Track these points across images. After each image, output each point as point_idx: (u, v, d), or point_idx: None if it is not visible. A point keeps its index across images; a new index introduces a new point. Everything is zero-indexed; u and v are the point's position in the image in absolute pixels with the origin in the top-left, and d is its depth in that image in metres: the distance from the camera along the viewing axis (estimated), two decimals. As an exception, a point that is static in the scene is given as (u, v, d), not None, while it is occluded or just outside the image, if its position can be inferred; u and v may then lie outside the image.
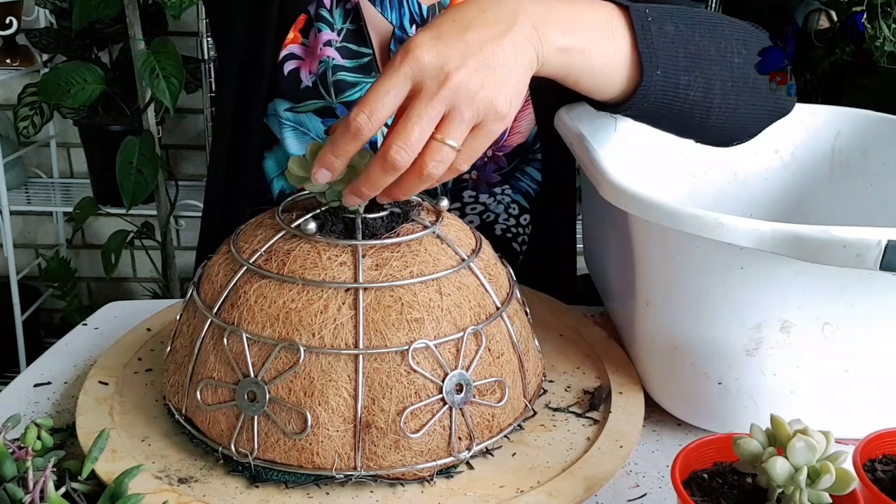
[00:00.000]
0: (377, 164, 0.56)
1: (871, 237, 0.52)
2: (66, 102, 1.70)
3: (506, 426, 0.61)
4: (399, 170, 0.56)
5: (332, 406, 0.55)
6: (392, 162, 0.55)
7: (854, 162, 0.81)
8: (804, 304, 0.57)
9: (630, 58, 0.64)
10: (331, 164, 0.57)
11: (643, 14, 0.65)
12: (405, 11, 0.86)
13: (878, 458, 0.52)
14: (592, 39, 0.62)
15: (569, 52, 0.61)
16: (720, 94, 0.69)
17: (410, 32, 0.86)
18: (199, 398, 0.58)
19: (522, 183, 0.92)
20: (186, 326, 0.62)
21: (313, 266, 0.57)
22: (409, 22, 0.86)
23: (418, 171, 0.56)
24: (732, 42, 0.69)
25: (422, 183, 0.57)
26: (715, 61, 0.68)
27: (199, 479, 0.57)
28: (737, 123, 0.73)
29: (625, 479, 0.59)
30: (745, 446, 0.49)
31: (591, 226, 0.86)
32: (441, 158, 0.56)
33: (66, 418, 0.65)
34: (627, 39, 0.64)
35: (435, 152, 0.56)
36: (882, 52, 1.11)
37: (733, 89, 0.70)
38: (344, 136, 0.56)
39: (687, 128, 0.72)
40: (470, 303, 0.59)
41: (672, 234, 0.58)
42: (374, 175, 0.56)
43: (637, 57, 0.64)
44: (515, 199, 0.92)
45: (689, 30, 0.67)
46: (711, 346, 0.61)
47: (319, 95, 0.86)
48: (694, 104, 0.68)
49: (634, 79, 0.65)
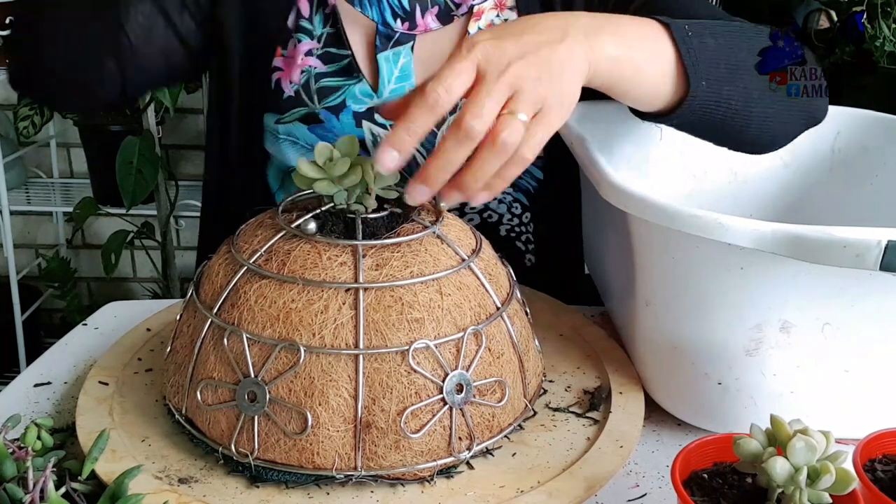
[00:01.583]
0: (450, 138, 0.56)
1: (871, 237, 0.52)
2: (66, 102, 1.70)
3: (506, 426, 0.61)
4: (474, 138, 0.55)
5: (333, 406, 0.55)
6: (467, 129, 0.55)
7: (854, 161, 0.81)
8: (804, 305, 0.57)
9: (675, 69, 0.66)
10: (402, 143, 0.56)
11: (683, 29, 0.67)
12: (385, 7, 0.86)
13: (878, 458, 0.52)
14: (641, 51, 0.64)
15: (619, 62, 0.63)
16: (759, 104, 0.71)
17: (395, 26, 0.86)
18: (200, 398, 0.58)
19: (523, 181, 0.92)
20: (186, 326, 0.62)
21: (313, 266, 0.57)
22: (391, 16, 0.86)
23: (492, 140, 0.56)
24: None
25: (496, 156, 0.56)
26: (753, 73, 0.70)
27: (199, 480, 0.57)
28: (772, 130, 0.75)
29: (625, 479, 0.59)
30: (745, 446, 0.49)
31: (591, 226, 0.86)
32: (513, 129, 0.56)
33: (66, 418, 0.65)
34: (672, 52, 0.66)
35: (506, 124, 0.56)
36: (882, 51, 1.11)
37: (770, 99, 0.72)
38: (420, 109, 0.56)
39: (727, 136, 0.74)
40: (470, 303, 0.59)
41: (672, 234, 0.58)
42: (447, 150, 0.56)
43: (682, 69, 0.66)
44: (517, 198, 0.92)
45: (728, 42, 0.69)
46: (711, 347, 0.61)
47: (302, 103, 0.87)
48: (735, 113, 0.70)
49: (680, 90, 0.67)
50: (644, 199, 0.59)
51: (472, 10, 0.87)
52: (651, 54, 0.65)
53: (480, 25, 0.87)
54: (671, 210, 0.57)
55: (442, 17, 0.87)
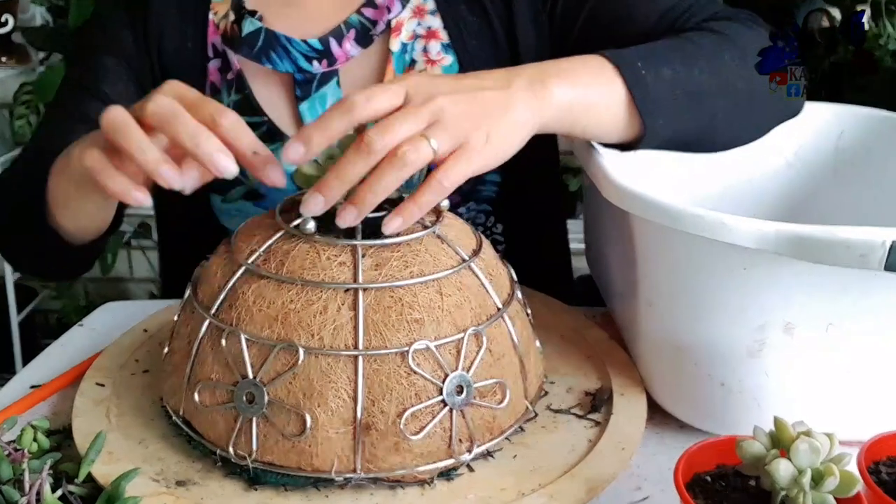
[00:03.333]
0: (351, 150, 0.56)
1: (876, 238, 0.51)
2: (63, 102, 1.69)
3: (507, 428, 0.60)
4: (372, 152, 0.55)
5: (332, 408, 0.55)
6: (367, 142, 0.55)
7: (858, 161, 0.81)
8: (808, 305, 0.57)
9: (629, 109, 0.66)
10: (309, 138, 0.56)
11: (635, 66, 0.66)
12: (296, 55, 0.82)
13: (883, 460, 0.52)
14: (593, 92, 0.65)
15: (570, 107, 0.63)
16: (724, 121, 0.71)
17: (312, 68, 0.82)
18: (197, 400, 0.58)
19: (484, 192, 0.88)
20: (184, 327, 0.62)
21: (312, 266, 0.57)
22: (306, 62, 0.82)
23: (392, 153, 0.55)
24: (733, 67, 0.70)
25: (393, 170, 0.55)
26: (716, 93, 0.69)
27: (196, 482, 0.57)
28: (743, 135, 0.75)
29: (627, 482, 0.59)
30: (749, 448, 0.48)
31: (592, 226, 0.86)
32: (417, 147, 0.56)
33: (63, 420, 0.64)
34: (624, 92, 0.66)
35: (412, 141, 0.56)
36: (885, 50, 1.11)
37: (737, 112, 0.72)
38: (336, 111, 0.56)
39: (693, 150, 0.74)
40: (471, 303, 0.58)
41: (675, 234, 0.57)
42: (345, 161, 0.56)
43: (637, 109, 0.66)
44: (481, 210, 0.90)
45: (687, 69, 0.68)
46: (714, 348, 0.60)
47: (239, 181, 0.84)
48: (699, 134, 0.71)
49: (637, 127, 0.67)
50: (646, 200, 0.59)
51: (391, 25, 0.83)
52: (603, 96, 0.65)
53: (402, 40, 0.83)
54: (674, 210, 0.57)
55: (360, 39, 0.82)
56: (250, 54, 0.83)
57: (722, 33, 0.72)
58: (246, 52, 0.83)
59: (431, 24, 0.84)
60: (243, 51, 0.83)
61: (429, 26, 0.84)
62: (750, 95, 0.71)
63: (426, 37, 0.84)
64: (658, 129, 0.67)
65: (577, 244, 0.97)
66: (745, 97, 0.71)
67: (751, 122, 0.74)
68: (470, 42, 0.83)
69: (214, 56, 0.85)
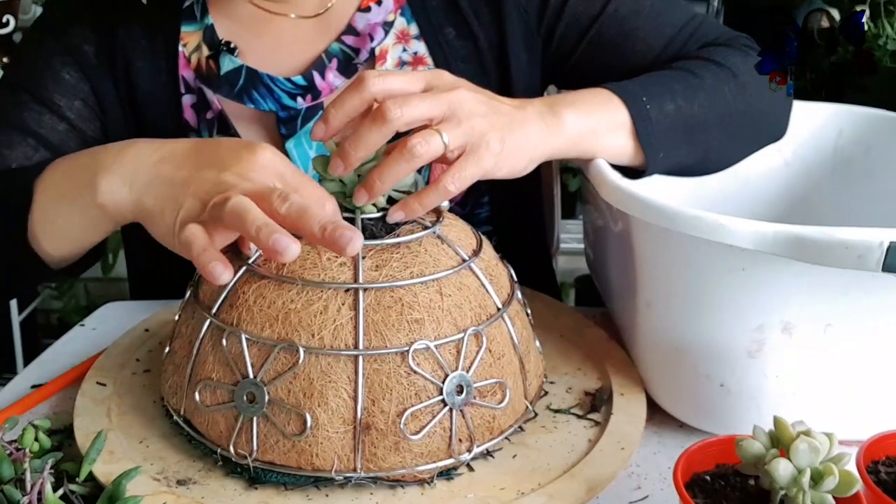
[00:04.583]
0: (368, 118, 0.57)
1: (874, 238, 0.51)
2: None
3: (506, 428, 0.60)
4: (387, 121, 0.57)
5: (332, 407, 0.55)
6: (383, 110, 0.56)
7: (856, 160, 0.81)
8: (806, 305, 0.57)
9: (633, 141, 0.69)
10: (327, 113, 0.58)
11: (639, 100, 0.69)
12: (279, 93, 0.79)
13: (882, 459, 0.52)
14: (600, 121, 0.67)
15: (581, 137, 0.66)
16: (718, 150, 0.75)
17: (296, 104, 0.79)
18: (198, 399, 0.58)
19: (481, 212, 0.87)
20: (185, 327, 0.62)
21: (313, 266, 0.57)
22: (290, 99, 0.79)
23: (402, 144, 0.57)
24: (730, 101, 0.73)
25: (402, 160, 0.57)
26: (714, 125, 0.73)
27: (197, 481, 0.57)
28: (733, 160, 0.78)
29: (626, 481, 0.59)
30: (748, 448, 0.48)
31: (591, 227, 0.86)
32: (428, 140, 0.57)
33: (64, 420, 0.64)
34: (629, 124, 0.68)
35: (424, 134, 0.57)
36: (885, 50, 1.11)
37: (731, 142, 0.75)
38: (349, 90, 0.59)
39: (688, 175, 0.77)
40: (471, 303, 0.58)
41: (673, 235, 0.57)
42: (362, 127, 0.57)
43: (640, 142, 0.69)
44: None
45: (689, 103, 0.71)
46: (713, 348, 0.60)
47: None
48: (695, 163, 0.75)
49: (641, 156, 0.69)
50: (645, 201, 0.59)
51: (375, 53, 0.80)
52: (611, 127, 0.68)
53: (388, 67, 0.80)
54: (672, 211, 0.57)
55: (343, 70, 0.79)
56: (231, 94, 0.79)
57: (723, 65, 0.74)
58: (226, 92, 0.79)
59: (417, 50, 0.81)
60: (223, 90, 0.79)
61: (415, 52, 0.81)
62: (743, 126, 0.75)
63: (413, 63, 0.81)
64: (659, 161, 0.70)
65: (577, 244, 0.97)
66: (739, 128, 0.74)
67: (742, 149, 0.78)
68: (457, 66, 0.80)
69: (187, 91, 0.81)
